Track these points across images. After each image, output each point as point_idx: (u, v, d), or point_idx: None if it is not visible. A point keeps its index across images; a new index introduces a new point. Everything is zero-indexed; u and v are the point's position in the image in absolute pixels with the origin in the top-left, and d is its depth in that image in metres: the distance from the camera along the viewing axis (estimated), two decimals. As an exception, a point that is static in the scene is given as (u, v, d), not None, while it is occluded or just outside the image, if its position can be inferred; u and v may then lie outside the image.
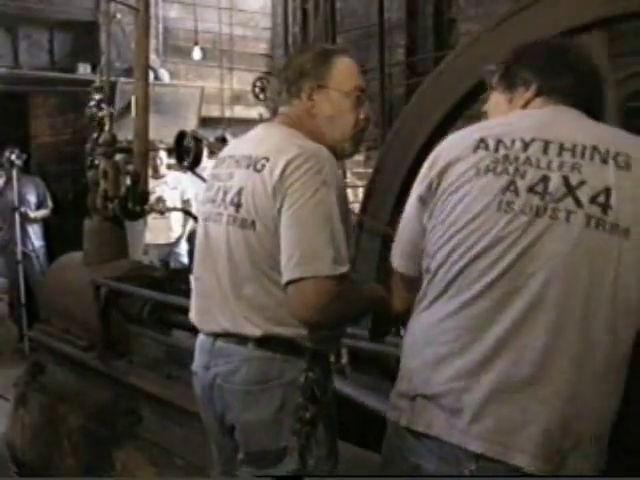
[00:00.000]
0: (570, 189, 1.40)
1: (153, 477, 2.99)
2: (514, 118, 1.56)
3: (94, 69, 6.66)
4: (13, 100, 7.47)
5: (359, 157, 6.89)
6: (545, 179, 1.42)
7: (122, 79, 6.19)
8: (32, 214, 6.62)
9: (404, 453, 1.51)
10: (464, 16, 5.80)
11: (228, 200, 1.81)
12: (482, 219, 1.43)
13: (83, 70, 6.95)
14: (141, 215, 3.90)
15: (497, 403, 1.38)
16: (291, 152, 1.71)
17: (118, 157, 3.86)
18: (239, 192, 1.78)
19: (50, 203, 6.85)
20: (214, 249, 1.86)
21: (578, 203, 1.39)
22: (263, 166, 1.74)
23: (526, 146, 1.46)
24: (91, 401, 3.51)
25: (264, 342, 1.76)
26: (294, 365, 1.76)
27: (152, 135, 4.00)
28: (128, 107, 4.28)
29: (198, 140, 3.78)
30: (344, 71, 1.86)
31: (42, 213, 6.77)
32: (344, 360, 2.17)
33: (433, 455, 1.44)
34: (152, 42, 6.36)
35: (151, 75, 5.41)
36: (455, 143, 1.55)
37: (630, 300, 1.39)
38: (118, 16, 6.58)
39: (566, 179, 1.41)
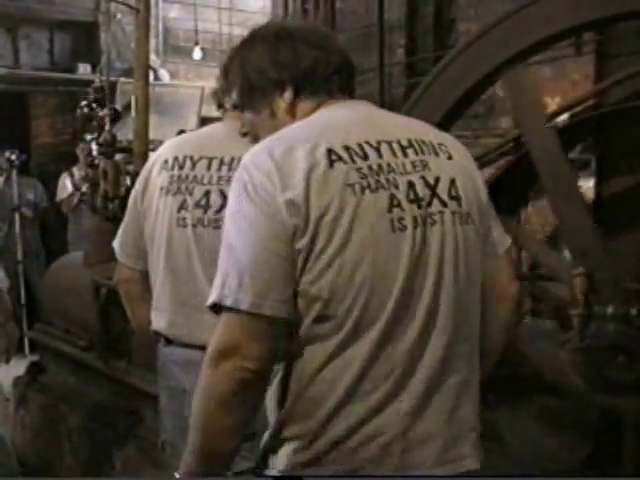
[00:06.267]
0: (432, 190, 1.35)
1: (153, 477, 2.99)
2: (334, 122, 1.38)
3: (94, 69, 6.65)
4: (13, 100, 7.46)
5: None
6: (412, 185, 1.33)
7: (122, 79, 6.19)
8: (32, 214, 6.62)
9: None
10: (464, 16, 5.79)
11: (217, 205, 1.94)
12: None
13: (83, 70, 6.95)
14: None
15: (439, 426, 1.36)
16: None
17: (118, 157, 3.86)
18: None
19: (46, 204, 6.85)
20: (203, 255, 1.95)
21: (443, 203, 1.36)
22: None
23: (379, 152, 1.34)
24: (91, 401, 3.51)
25: None
26: None
27: (152, 135, 4.00)
28: (128, 107, 4.27)
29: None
30: None
31: (40, 214, 6.78)
32: None
33: None
34: (152, 42, 6.35)
35: (151, 75, 5.40)
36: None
37: (477, 282, 1.42)
38: (118, 16, 6.59)
39: (424, 179, 1.35)
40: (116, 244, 2.23)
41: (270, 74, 1.42)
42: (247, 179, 1.29)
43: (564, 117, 3.80)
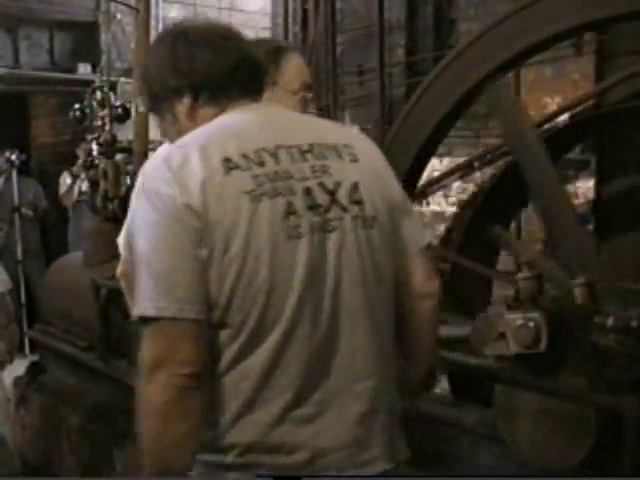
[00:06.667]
0: (332, 196, 1.34)
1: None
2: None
3: (94, 69, 6.66)
4: (13, 100, 7.46)
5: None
6: (309, 191, 1.32)
7: (122, 79, 6.19)
8: (32, 214, 6.63)
9: None
10: (464, 16, 5.79)
11: None
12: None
13: (83, 70, 6.95)
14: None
15: (348, 432, 1.34)
16: None
17: (118, 157, 3.86)
18: None
19: (45, 204, 6.85)
20: None
21: (343, 208, 1.34)
22: None
23: (276, 158, 1.33)
24: (91, 401, 3.51)
25: None
26: None
27: (152, 135, 4.00)
28: (128, 107, 4.26)
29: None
30: (292, 70, 1.95)
31: (40, 214, 6.78)
32: None
33: None
34: (152, 42, 6.35)
35: (151, 75, 5.40)
36: None
37: (388, 284, 1.41)
38: (118, 16, 6.58)
39: (323, 185, 1.34)
40: (120, 239, 2.24)
41: (170, 82, 1.43)
42: (150, 188, 1.29)
43: (564, 117, 3.81)
